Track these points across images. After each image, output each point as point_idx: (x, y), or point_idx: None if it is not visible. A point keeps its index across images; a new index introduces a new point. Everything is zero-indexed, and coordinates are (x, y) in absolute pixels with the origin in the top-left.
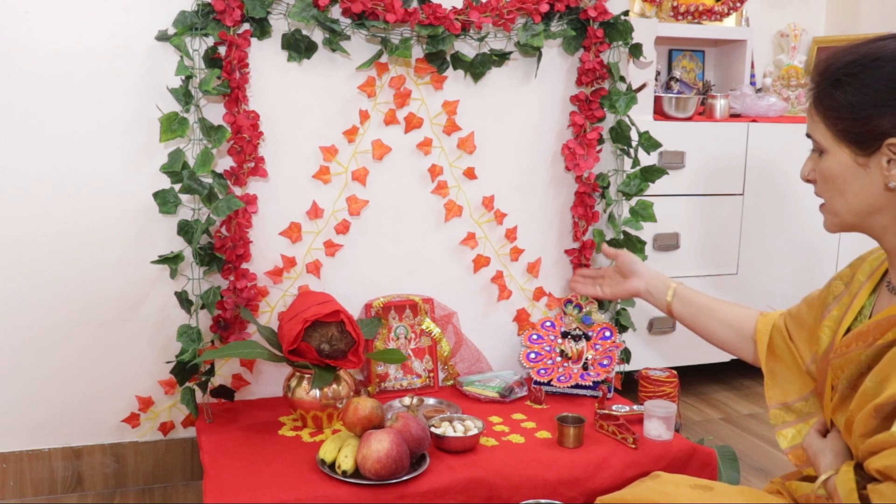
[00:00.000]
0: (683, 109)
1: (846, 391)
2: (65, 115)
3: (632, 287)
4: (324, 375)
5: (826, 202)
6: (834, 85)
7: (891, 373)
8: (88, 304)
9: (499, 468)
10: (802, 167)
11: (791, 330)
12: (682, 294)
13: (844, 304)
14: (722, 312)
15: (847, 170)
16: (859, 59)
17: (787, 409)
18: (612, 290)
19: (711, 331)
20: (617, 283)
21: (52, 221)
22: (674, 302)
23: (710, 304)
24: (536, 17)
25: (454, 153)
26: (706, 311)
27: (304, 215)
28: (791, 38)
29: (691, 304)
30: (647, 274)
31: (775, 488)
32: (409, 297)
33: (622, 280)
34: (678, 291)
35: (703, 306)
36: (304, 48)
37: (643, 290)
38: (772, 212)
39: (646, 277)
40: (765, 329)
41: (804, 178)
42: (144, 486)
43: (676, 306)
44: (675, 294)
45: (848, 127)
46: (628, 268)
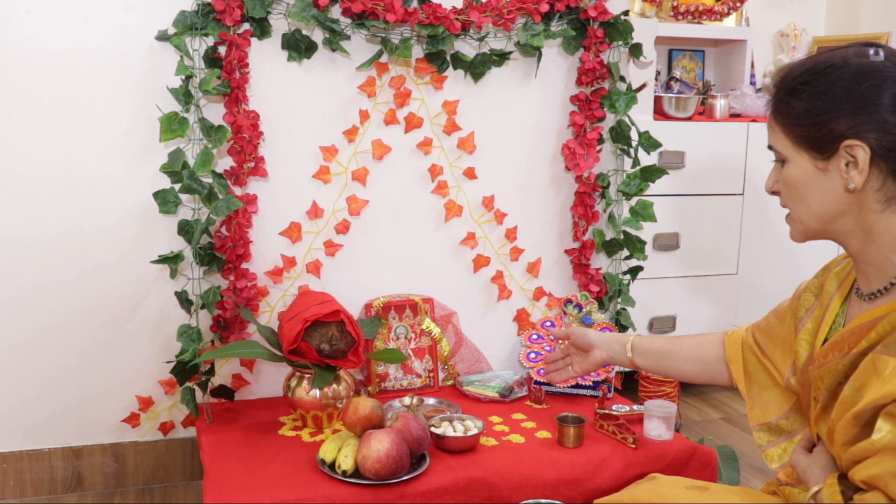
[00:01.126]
0: (683, 109)
1: (826, 401)
2: (65, 115)
3: (595, 359)
4: (324, 375)
5: (791, 211)
6: (790, 94)
7: (867, 380)
8: (88, 304)
9: (499, 468)
10: (767, 180)
11: (763, 344)
12: (639, 347)
13: (818, 316)
14: (683, 350)
15: (808, 175)
16: (813, 67)
17: (770, 428)
18: (581, 367)
19: (679, 370)
20: (581, 360)
21: (52, 221)
22: (635, 357)
23: (669, 345)
24: (536, 17)
25: (454, 153)
26: (666, 354)
27: (304, 215)
28: (791, 38)
29: (651, 353)
30: (604, 341)
31: (772, 489)
32: (409, 297)
33: (584, 355)
34: (635, 345)
35: (662, 351)
36: (304, 48)
37: (606, 357)
38: (772, 212)
39: (603, 345)
40: (735, 350)
41: (769, 191)
42: (144, 486)
43: (638, 360)
44: (634, 349)
45: (805, 132)
46: (583, 343)
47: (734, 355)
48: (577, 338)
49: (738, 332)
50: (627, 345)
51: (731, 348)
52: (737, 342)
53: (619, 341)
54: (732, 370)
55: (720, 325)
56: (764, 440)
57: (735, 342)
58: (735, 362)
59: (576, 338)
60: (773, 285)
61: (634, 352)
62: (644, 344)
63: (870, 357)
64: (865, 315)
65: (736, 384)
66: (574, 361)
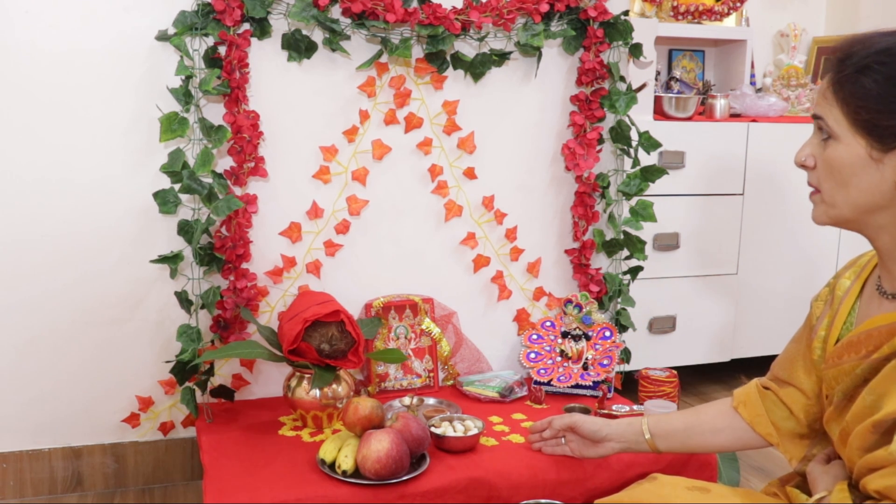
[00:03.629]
0: (683, 109)
1: (841, 402)
2: (65, 115)
3: (607, 451)
4: (324, 375)
5: (823, 192)
6: (862, 71)
7: (889, 388)
8: (88, 304)
9: (499, 468)
10: (799, 151)
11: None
12: (658, 431)
13: (830, 316)
14: (706, 422)
15: (857, 162)
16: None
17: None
18: (586, 452)
19: (710, 444)
20: (587, 448)
21: (52, 222)
22: (656, 442)
23: (689, 421)
24: (536, 17)
25: (454, 153)
26: (690, 432)
27: (304, 215)
28: (791, 38)
29: (672, 434)
30: (617, 433)
31: (772, 490)
32: (409, 297)
33: (590, 444)
34: (654, 431)
35: (684, 430)
36: (304, 48)
37: (621, 448)
38: (772, 212)
39: (616, 436)
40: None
41: (799, 163)
42: (144, 486)
43: (661, 445)
44: (653, 435)
45: (871, 118)
46: (595, 437)
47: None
48: (587, 432)
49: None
50: (644, 432)
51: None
52: (750, 387)
53: (634, 430)
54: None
55: (720, 325)
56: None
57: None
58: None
59: (584, 431)
60: (773, 285)
61: (655, 437)
62: (662, 427)
63: (892, 364)
64: (888, 316)
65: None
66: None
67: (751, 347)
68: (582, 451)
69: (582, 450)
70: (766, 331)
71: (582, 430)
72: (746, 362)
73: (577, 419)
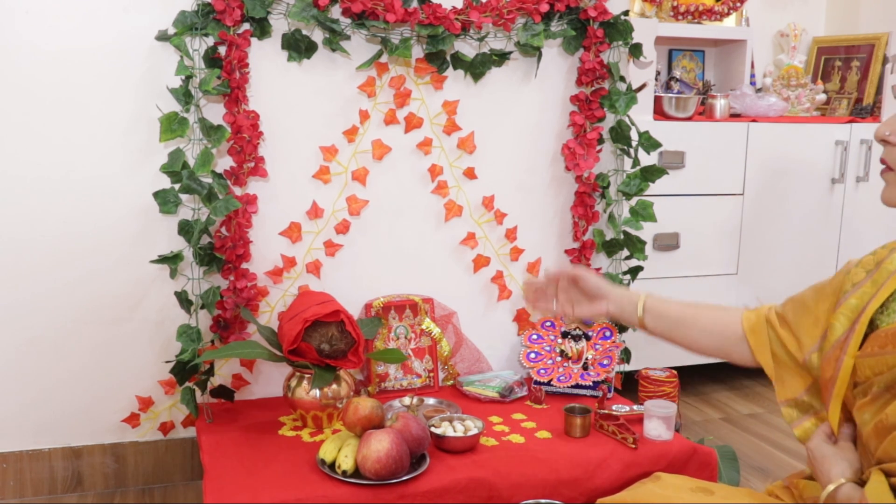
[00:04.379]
0: (683, 109)
1: (881, 394)
2: (65, 115)
3: (600, 310)
4: (324, 375)
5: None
6: None
7: None
8: (88, 305)
9: (499, 468)
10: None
11: (790, 317)
12: (652, 309)
13: (867, 293)
14: (701, 321)
15: None
16: None
17: (797, 403)
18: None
19: (693, 341)
20: (581, 303)
21: (52, 222)
22: (645, 318)
23: (686, 313)
24: (536, 17)
25: (454, 153)
26: (681, 322)
27: (304, 215)
28: (791, 38)
29: (664, 318)
30: (616, 295)
31: (775, 491)
32: (409, 297)
33: (586, 301)
34: (648, 307)
35: (676, 318)
36: (304, 48)
37: (614, 311)
38: (772, 212)
39: (614, 299)
40: (760, 326)
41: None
42: (144, 486)
43: (649, 322)
44: (646, 310)
45: None
46: (593, 290)
47: (758, 331)
48: (589, 283)
49: (760, 310)
50: (639, 304)
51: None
52: (760, 319)
53: (631, 300)
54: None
55: None
56: (793, 416)
57: (759, 320)
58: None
59: (586, 282)
60: (773, 285)
61: (646, 313)
62: (657, 307)
63: None
64: None
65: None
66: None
67: None
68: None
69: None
70: None
71: (585, 281)
72: None
73: (584, 270)
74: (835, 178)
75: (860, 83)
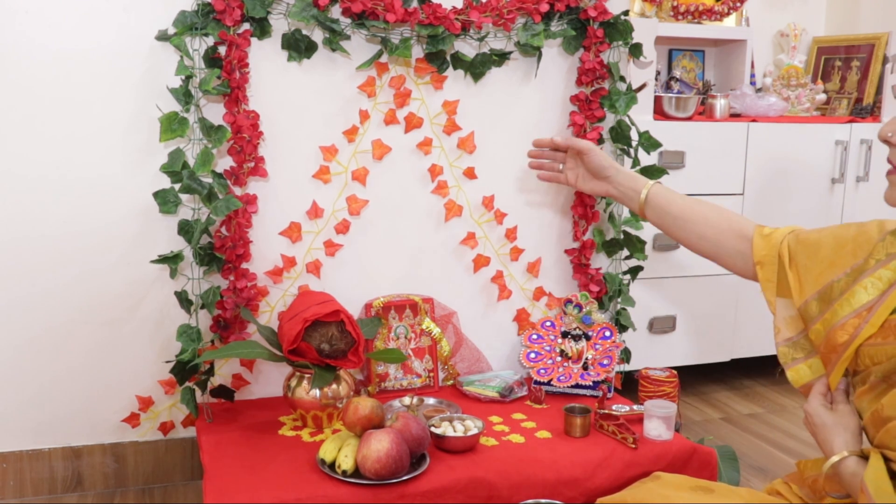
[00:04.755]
0: (683, 109)
1: (878, 383)
2: (65, 115)
3: (600, 188)
4: (324, 375)
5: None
6: None
7: None
8: (88, 304)
9: (499, 468)
10: (886, 124)
11: (798, 257)
12: (654, 202)
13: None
14: (701, 225)
15: None
16: None
17: (794, 344)
18: (578, 183)
19: (688, 241)
20: (585, 178)
21: (52, 222)
22: (646, 210)
23: (687, 213)
24: (536, 17)
25: (454, 153)
26: (682, 221)
27: (304, 215)
28: (791, 38)
29: (665, 214)
30: (619, 180)
31: (775, 489)
32: (409, 297)
33: (590, 178)
34: (651, 198)
35: (677, 216)
36: (304, 48)
37: (615, 194)
38: (772, 212)
39: (616, 183)
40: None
41: (884, 138)
42: (144, 486)
43: (649, 214)
44: (647, 202)
45: None
46: (597, 168)
47: (768, 264)
48: (595, 164)
49: (773, 237)
50: (642, 193)
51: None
52: (772, 251)
53: (635, 187)
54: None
55: (720, 325)
56: (788, 357)
57: (770, 251)
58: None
59: (593, 162)
60: None
61: (647, 205)
62: (660, 201)
63: None
64: None
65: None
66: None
67: (751, 347)
68: (577, 180)
69: (578, 179)
70: (766, 331)
71: (592, 158)
72: (746, 362)
73: (591, 146)
74: (835, 178)
75: (860, 83)
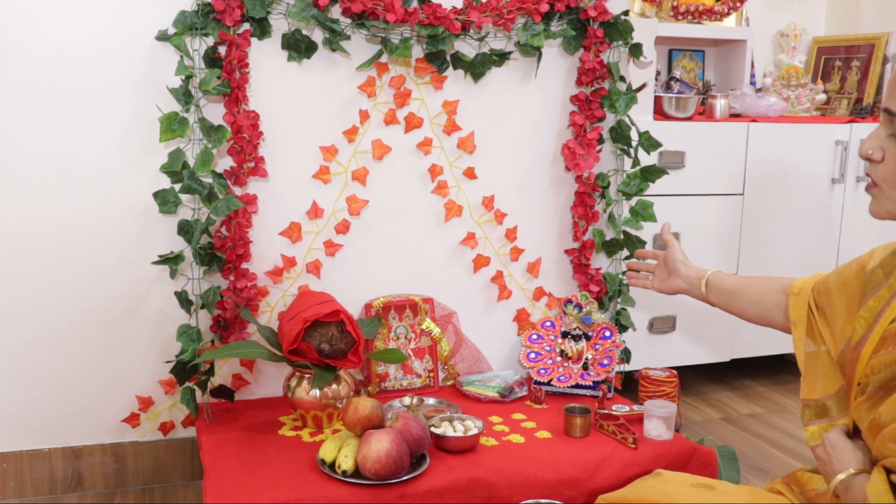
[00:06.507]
0: (683, 109)
1: (876, 392)
2: (65, 115)
3: (674, 285)
4: (324, 375)
5: (885, 188)
6: None
7: None
8: (88, 305)
9: (499, 468)
10: (865, 141)
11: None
12: (713, 284)
13: (883, 297)
14: (748, 292)
15: None
16: None
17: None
18: (659, 285)
19: (742, 311)
20: (662, 279)
21: (52, 221)
22: (708, 293)
23: (737, 285)
24: (536, 17)
25: (454, 153)
26: (734, 294)
27: (304, 215)
28: (791, 38)
29: (722, 291)
30: (686, 272)
31: (776, 488)
32: (409, 297)
33: (667, 275)
34: (710, 282)
35: (730, 290)
36: (304, 48)
37: (683, 288)
38: (772, 212)
39: (684, 276)
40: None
41: (863, 155)
42: (144, 486)
43: (712, 297)
44: (708, 286)
45: None
46: (672, 265)
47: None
48: (671, 256)
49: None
50: (703, 280)
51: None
52: (803, 304)
53: (698, 276)
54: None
55: (720, 325)
56: (807, 416)
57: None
58: (799, 327)
59: (670, 255)
60: None
61: (708, 289)
62: (717, 282)
63: None
64: None
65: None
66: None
67: (751, 347)
68: (661, 281)
69: (659, 281)
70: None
71: (674, 253)
72: (746, 362)
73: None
74: (835, 178)
75: (860, 83)
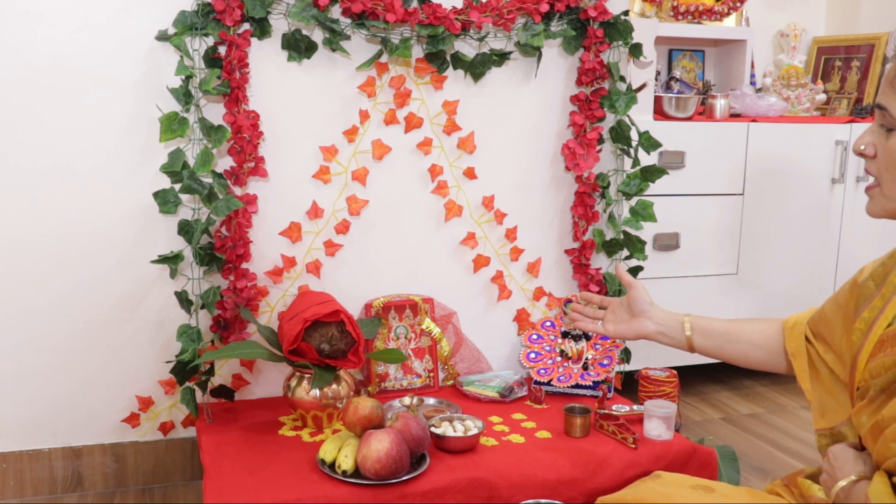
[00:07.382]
0: (683, 109)
1: (877, 396)
2: (65, 115)
3: (640, 328)
4: (324, 375)
5: (882, 184)
6: None
7: None
8: (88, 304)
9: (499, 468)
10: (859, 138)
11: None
12: (699, 327)
13: (876, 307)
14: (747, 334)
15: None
16: None
17: (833, 434)
18: (616, 328)
19: (744, 356)
20: (622, 321)
21: (52, 221)
22: (694, 337)
23: (731, 328)
24: (536, 17)
25: (454, 153)
26: (729, 337)
27: (304, 215)
28: (791, 38)
29: (712, 334)
30: (657, 314)
31: (775, 490)
32: (409, 297)
33: (628, 318)
34: (695, 325)
35: (724, 334)
36: (304, 48)
37: (654, 331)
38: (772, 212)
39: (656, 318)
40: (799, 344)
41: (857, 151)
42: (144, 486)
43: (698, 341)
44: (693, 329)
45: None
46: (638, 306)
47: (798, 350)
48: (638, 296)
49: (800, 324)
50: (685, 324)
51: (794, 343)
52: (800, 336)
53: (676, 318)
54: (796, 367)
55: None
56: (823, 444)
57: (798, 336)
58: (799, 358)
59: (636, 295)
60: (772, 285)
61: (694, 332)
62: (704, 324)
63: None
64: None
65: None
66: (609, 319)
67: None
68: (619, 323)
69: (617, 323)
70: None
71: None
72: None
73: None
74: (835, 178)
75: (860, 83)
